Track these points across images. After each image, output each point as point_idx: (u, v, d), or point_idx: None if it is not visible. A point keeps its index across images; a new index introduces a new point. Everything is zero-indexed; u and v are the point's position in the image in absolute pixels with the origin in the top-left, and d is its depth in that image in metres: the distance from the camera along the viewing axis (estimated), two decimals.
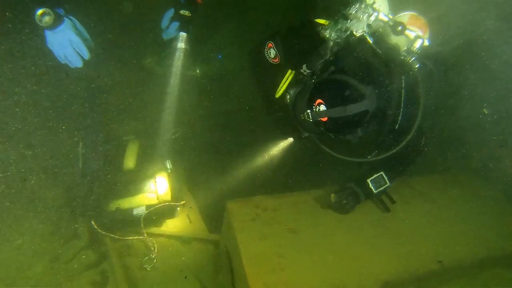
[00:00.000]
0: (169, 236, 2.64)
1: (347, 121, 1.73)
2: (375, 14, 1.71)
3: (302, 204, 2.30)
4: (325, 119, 1.73)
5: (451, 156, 3.05)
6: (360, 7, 1.71)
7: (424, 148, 2.26)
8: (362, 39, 1.78)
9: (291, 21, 2.30)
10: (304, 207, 2.28)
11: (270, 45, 2.17)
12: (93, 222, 2.42)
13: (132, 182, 2.66)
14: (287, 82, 2.12)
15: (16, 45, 2.07)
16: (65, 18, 1.85)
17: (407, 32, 1.69)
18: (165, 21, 2.47)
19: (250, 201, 2.25)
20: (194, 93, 3.32)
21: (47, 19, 1.77)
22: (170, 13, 2.44)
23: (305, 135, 2.06)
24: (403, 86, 1.86)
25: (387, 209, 2.28)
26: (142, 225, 2.51)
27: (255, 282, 1.77)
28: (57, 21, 1.80)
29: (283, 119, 2.33)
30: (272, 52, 2.18)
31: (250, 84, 2.68)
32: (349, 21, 1.76)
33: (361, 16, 1.72)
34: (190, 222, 2.77)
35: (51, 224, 2.34)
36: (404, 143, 1.91)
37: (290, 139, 2.56)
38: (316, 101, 1.73)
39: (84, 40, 1.91)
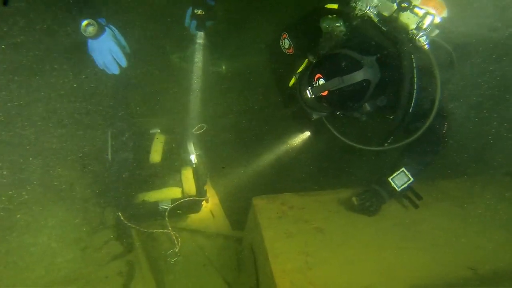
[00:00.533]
0: (193, 231, 2.66)
1: (347, 93, 1.69)
2: None
3: (329, 203, 2.27)
4: (325, 93, 1.71)
5: (479, 157, 2.91)
6: None
7: (446, 135, 2.09)
8: (367, 18, 1.75)
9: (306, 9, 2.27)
10: (331, 206, 2.25)
11: (284, 35, 2.20)
12: (119, 214, 2.46)
13: (158, 176, 2.69)
14: (299, 71, 2.11)
15: (57, 45, 2.16)
16: (106, 27, 1.98)
17: (416, 9, 1.65)
18: (187, 20, 2.55)
19: (277, 199, 2.24)
20: (219, 89, 3.33)
21: (91, 29, 1.91)
22: (189, 11, 2.52)
23: (314, 117, 1.98)
24: (414, 65, 1.77)
25: (415, 206, 2.22)
26: (166, 219, 2.53)
27: (282, 280, 1.75)
28: (99, 31, 1.93)
29: (300, 110, 2.32)
30: (287, 43, 2.19)
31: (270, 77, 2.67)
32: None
33: None
34: (214, 217, 2.78)
35: (80, 214, 2.39)
36: (422, 129, 1.81)
37: (309, 134, 2.53)
38: (315, 76, 1.72)
39: (122, 48, 2.03)
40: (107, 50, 1.98)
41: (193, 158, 2.78)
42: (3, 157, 2.35)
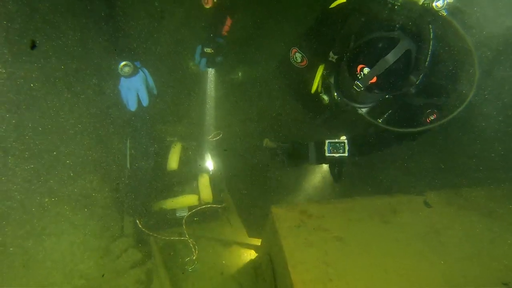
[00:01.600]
0: (210, 239, 2.65)
1: (395, 70, 1.67)
2: None
3: (349, 211, 2.21)
4: (374, 80, 1.67)
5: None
6: None
7: (426, 130, 1.95)
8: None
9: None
10: (351, 215, 2.19)
11: (294, 50, 2.20)
12: (138, 222, 2.48)
13: (175, 183, 2.70)
14: (319, 76, 2.13)
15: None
16: (139, 70, 2.18)
17: None
18: (197, 57, 2.67)
19: (295, 207, 2.19)
20: (235, 96, 3.33)
21: (126, 69, 2.12)
22: (199, 49, 2.63)
23: (364, 111, 1.94)
24: (431, 36, 1.71)
25: (428, 206, 2.12)
26: (184, 226, 2.54)
27: None
28: (133, 72, 2.14)
29: (329, 117, 2.29)
30: (298, 56, 2.20)
31: (288, 94, 2.66)
32: None
33: None
34: (231, 225, 2.76)
35: (100, 222, 2.42)
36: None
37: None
38: (357, 69, 1.69)
39: (149, 90, 2.24)
40: (135, 89, 2.16)
41: (209, 165, 2.78)
42: (28, 165, 2.43)
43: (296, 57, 2.21)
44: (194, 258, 2.47)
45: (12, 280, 2.06)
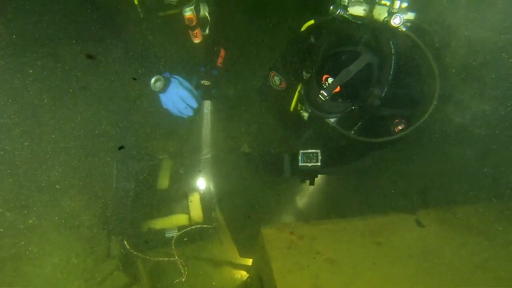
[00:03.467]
0: (200, 259, 2.59)
1: (357, 81, 1.77)
2: None
3: (341, 232, 2.18)
4: (337, 89, 1.76)
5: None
6: None
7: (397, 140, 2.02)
8: (342, 19, 1.89)
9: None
10: (342, 236, 2.16)
11: (272, 74, 2.31)
12: (125, 242, 2.42)
13: (164, 202, 2.65)
14: (296, 94, 2.21)
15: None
16: (171, 79, 2.15)
17: (383, 1, 1.81)
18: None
19: (286, 227, 2.16)
20: (227, 113, 3.31)
21: (159, 84, 2.08)
22: (195, 80, 2.58)
23: (332, 121, 2.03)
24: (393, 52, 1.86)
25: (420, 225, 2.17)
26: (173, 247, 2.47)
27: None
28: (166, 84, 2.10)
29: (311, 135, 2.37)
30: (277, 79, 2.31)
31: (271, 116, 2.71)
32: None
33: None
34: (222, 245, 2.70)
35: (86, 243, 2.36)
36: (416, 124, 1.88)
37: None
38: (322, 79, 1.79)
39: (190, 92, 2.20)
40: (178, 98, 2.14)
41: (200, 184, 2.74)
42: (12, 182, 2.37)
43: (275, 80, 2.31)
44: (183, 279, 2.41)
45: None
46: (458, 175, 2.52)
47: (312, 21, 2.07)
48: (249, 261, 2.57)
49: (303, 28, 2.13)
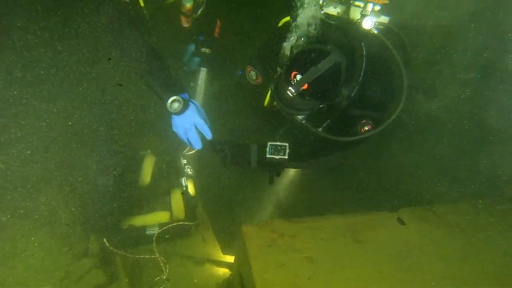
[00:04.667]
0: (182, 256, 2.57)
1: (325, 80, 1.78)
2: None
3: (321, 230, 2.17)
4: (305, 86, 1.78)
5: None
6: None
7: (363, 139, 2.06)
8: (316, 18, 1.88)
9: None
10: (323, 234, 2.15)
11: (249, 69, 2.33)
12: (105, 240, 2.37)
13: (146, 199, 2.61)
14: (269, 92, 2.22)
15: None
16: (190, 103, 1.93)
17: (357, 2, 1.83)
18: (187, 56, 2.62)
19: (267, 225, 2.14)
20: (210, 108, 3.26)
21: (176, 105, 1.85)
22: (192, 48, 2.59)
23: (301, 118, 2.01)
24: (364, 54, 1.88)
25: (401, 223, 2.20)
26: (154, 244, 2.44)
27: None
28: (184, 107, 1.87)
29: (287, 131, 2.34)
30: (253, 74, 2.32)
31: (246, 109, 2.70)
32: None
33: None
34: (204, 242, 2.68)
35: (63, 240, 2.30)
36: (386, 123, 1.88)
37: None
38: (292, 75, 1.80)
39: (206, 121, 1.98)
40: (192, 124, 1.92)
41: (183, 180, 2.70)
42: None
43: (251, 75, 2.32)
44: (164, 277, 2.37)
45: None
46: (435, 168, 2.56)
47: (288, 18, 2.07)
48: (232, 259, 2.56)
49: (280, 24, 2.15)
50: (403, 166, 2.57)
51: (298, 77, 1.77)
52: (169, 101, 1.85)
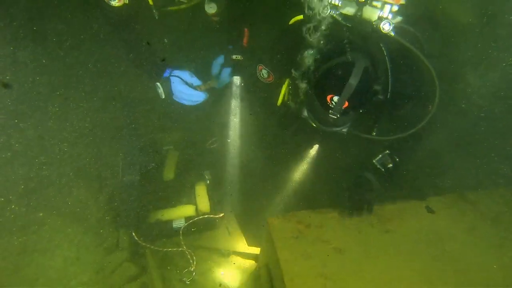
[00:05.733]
0: (208, 249, 2.60)
1: (361, 89, 1.75)
2: None
3: (348, 221, 2.14)
4: (346, 104, 1.75)
5: None
6: None
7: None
8: (332, 19, 1.85)
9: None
10: (350, 224, 2.12)
11: (260, 67, 2.33)
12: (134, 234, 2.44)
13: (171, 193, 2.65)
14: (284, 89, 2.23)
15: None
16: (170, 78, 2.21)
17: (374, 2, 1.77)
18: (215, 69, 2.58)
19: (293, 217, 2.13)
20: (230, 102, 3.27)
21: (160, 91, 2.20)
22: (220, 60, 2.56)
23: (345, 130, 2.00)
24: (386, 54, 1.89)
25: (431, 211, 2.15)
26: (181, 237, 2.48)
27: None
28: (167, 87, 2.18)
29: (300, 128, 2.33)
30: (265, 73, 2.31)
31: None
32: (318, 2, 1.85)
33: None
34: (229, 234, 2.70)
35: (95, 235, 2.38)
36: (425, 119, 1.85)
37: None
38: (327, 99, 1.77)
39: (191, 85, 2.26)
40: (180, 92, 2.22)
41: (206, 174, 2.73)
42: (20, 177, 2.40)
43: (262, 73, 2.32)
44: (192, 269, 2.42)
45: None
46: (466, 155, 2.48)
47: (301, 16, 2.03)
48: (257, 250, 2.57)
49: (291, 21, 2.10)
50: (433, 152, 2.50)
51: (335, 98, 1.74)
52: (159, 91, 2.16)
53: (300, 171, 2.69)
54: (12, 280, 2.02)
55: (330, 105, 1.75)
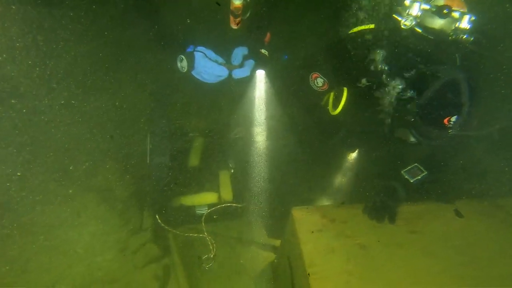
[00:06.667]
0: (228, 237, 2.62)
1: (473, 100, 1.81)
2: (418, 4, 1.78)
3: None
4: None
5: None
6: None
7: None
8: (411, 31, 1.84)
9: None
10: (375, 222, 2.08)
11: (315, 75, 2.27)
12: (157, 216, 2.48)
13: (195, 180, 2.68)
14: (344, 99, 2.22)
15: None
16: (194, 53, 2.12)
17: (453, 13, 1.78)
18: (237, 59, 2.41)
19: (317, 210, 2.11)
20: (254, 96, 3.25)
21: (183, 64, 2.10)
22: (242, 50, 2.41)
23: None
24: (458, 63, 1.91)
25: (459, 215, 2.11)
26: (203, 224, 2.51)
27: None
28: (191, 61, 2.10)
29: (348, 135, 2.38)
30: (320, 81, 2.27)
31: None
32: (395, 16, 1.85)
33: (406, 10, 1.81)
34: (250, 224, 2.71)
35: (120, 215, 2.44)
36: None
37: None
38: (445, 121, 1.82)
39: (215, 62, 2.19)
40: (204, 69, 2.13)
41: (230, 163, 2.74)
42: (51, 156, 2.47)
43: (317, 82, 2.27)
44: (211, 256, 2.45)
45: (39, 269, 2.10)
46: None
47: (371, 26, 1.99)
48: (277, 242, 2.57)
49: (355, 30, 2.06)
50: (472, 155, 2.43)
51: (454, 118, 1.79)
52: (178, 64, 2.06)
53: (327, 168, 2.66)
54: (43, 250, 2.10)
55: (449, 126, 1.81)
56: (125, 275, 2.11)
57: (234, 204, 2.58)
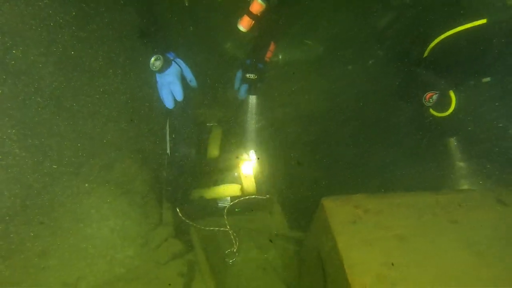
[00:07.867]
0: (252, 231, 2.51)
1: None
2: None
3: (409, 208, 1.97)
4: None
5: None
6: None
7: None
8: None
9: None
10: (411, 212, 1.95)
11: (430, 94, 2.16)
12: (178, 210, 2.38)
13: (216, 171, 2.58)
14: (454, 102, 2.16)
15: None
16: (173, 62, 2.08)
17: None
18: (236, 83, 2.49)
19: (349, 200, 1.99)
20: (276, 81, 3.12)
21: (157, 64, 2.02)
22: (239, 75, 2.44)
23: None
24: None
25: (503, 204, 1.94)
26: (225, 217, 2.41)
27: None
28: (165, 66, 2.03)
29: None
30: (435, 97, 2.18)
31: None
32: None
33: None
34: (273, 217, 2.60)
35: (140, 209, 2.35)
36: None
37: None
38: None
39: (185, 83, 2.15)
40: (167, 84, 2.04)
41: (252, 154, 2.62)
42: (67, 149, 2.38)
43: (432, 99, 2.18)
44: (235, 250, 2.35)
45: (59, 265, 2.03)
46: None
47: (484, 20, 1.86)
48: (300, 234, 2.47)
49: (464, 27, 1.93)
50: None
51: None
52: (152, 59, 1.99)
53: (349, 160, 2.53)
54: (61, 246, 2.02)
55: None
56: (148, 272, 2.02)
57: (258, 196, 2.46)
